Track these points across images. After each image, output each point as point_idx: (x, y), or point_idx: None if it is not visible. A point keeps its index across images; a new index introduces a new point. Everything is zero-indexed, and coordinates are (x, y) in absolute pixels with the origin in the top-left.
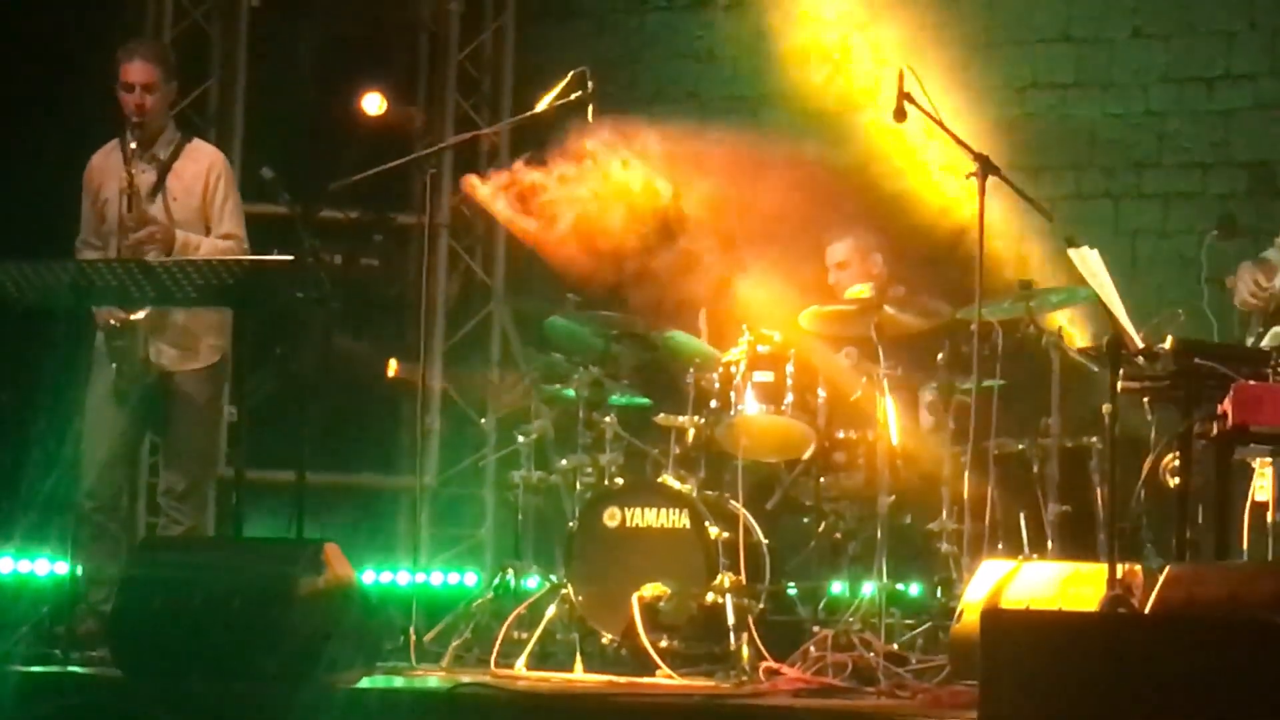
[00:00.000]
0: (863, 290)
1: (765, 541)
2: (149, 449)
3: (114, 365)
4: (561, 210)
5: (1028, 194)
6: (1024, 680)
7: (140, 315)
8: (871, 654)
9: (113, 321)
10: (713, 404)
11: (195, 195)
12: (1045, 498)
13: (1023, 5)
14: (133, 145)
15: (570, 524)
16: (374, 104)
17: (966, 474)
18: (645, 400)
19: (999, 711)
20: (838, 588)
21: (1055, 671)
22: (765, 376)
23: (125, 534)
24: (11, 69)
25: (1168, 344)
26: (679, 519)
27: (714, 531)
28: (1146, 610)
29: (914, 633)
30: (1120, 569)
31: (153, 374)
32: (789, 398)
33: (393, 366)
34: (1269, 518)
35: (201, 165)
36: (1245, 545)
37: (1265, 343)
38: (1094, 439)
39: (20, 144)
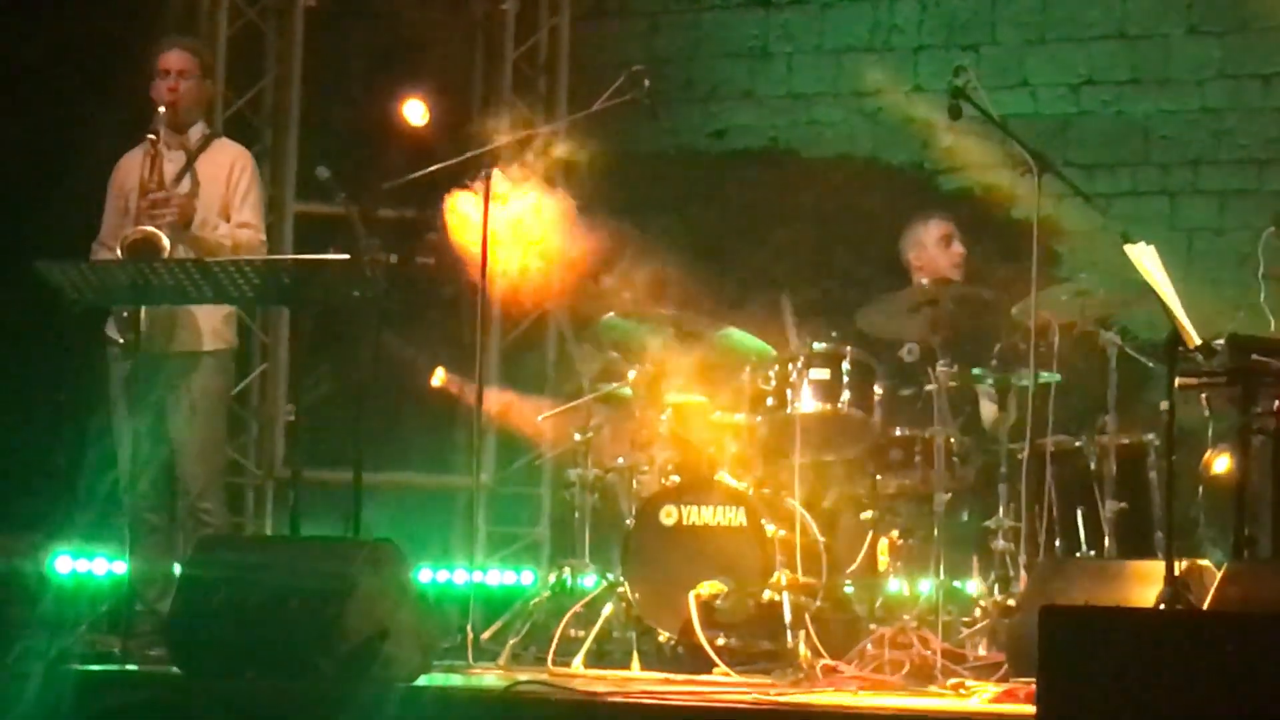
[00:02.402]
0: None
1: (822, 539)
2: None
3: (120, 346)
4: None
5: (1083, 190)
6: (1082, 677)
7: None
8: (929, 652)
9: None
10: (769, 402)
11: (219, 184)
12: (1102, 495)
13: (1077, 2)
14: (162, 130)
15: (627, 522)
16: (416, 113)
17: (1024, 471)
18: (701, 398)
19: (1058, 709)
20: (895, 585)
21: (1113, 669)
22: (821, 374)
23: (172, 527)
24: (66, 71)
25: (1224, 340)
26: (736, 517)
27: (771, 529)
28: (1205, 607)
29: (971, 630)
30: (1178, 566)
31: (157, 356)
32: (845, 395)
33: (440, 376)
34: None
35: (227, 159)
36: None
37: None
38: (1151, 436)
39: (74, 145)
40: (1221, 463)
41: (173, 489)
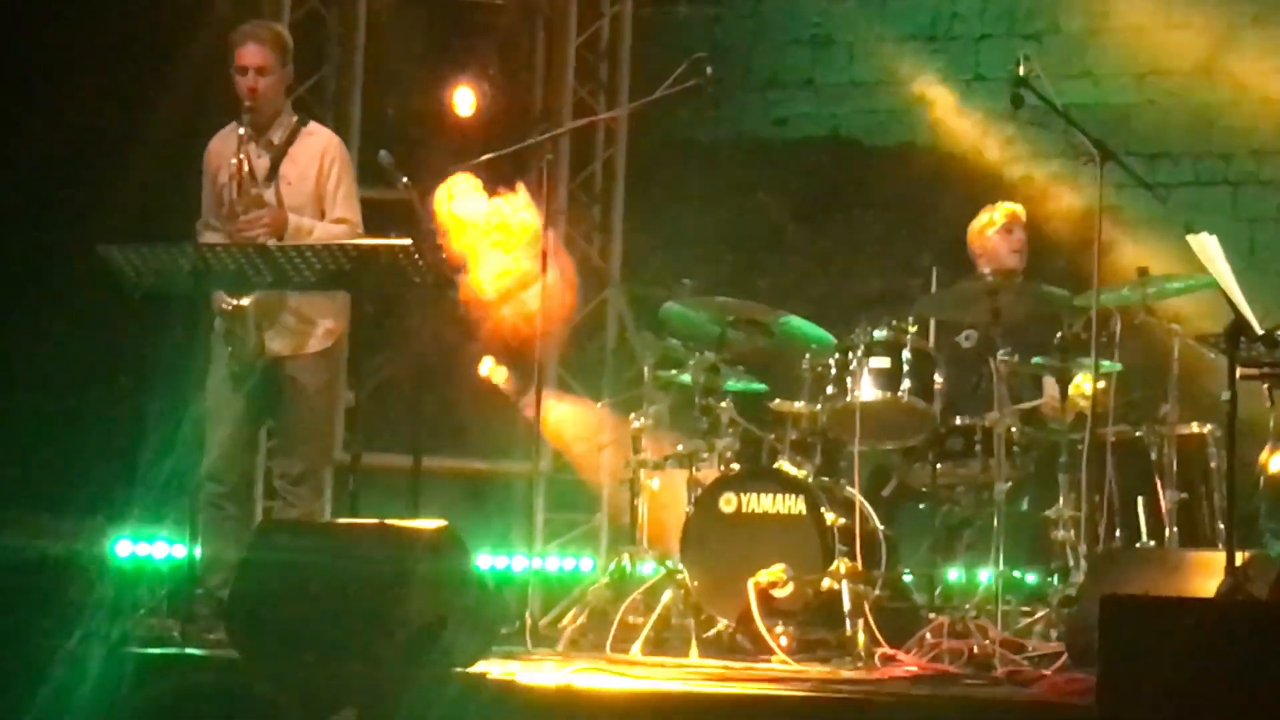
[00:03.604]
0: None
1: (881, 528)
2: (265, 433)
3: (228, 350)
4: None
5: (1145, 180)
6: (1143, 667)
7: (247, 301)
8: (988, 641)
9: (225, 306)
10: (829, 389)
11: (309, 180)
12: (1163, 485)
13: None
14: (246, 129)
15: (686, 509)
16: (466, 102)
17: (1084, 460)
18: (761, 386)
19: (1118, 699)
20: (954, 575)
21: (1174, 659)
22: (882, 362)
23: (246, 518)
24: (130, 56)
25: None
26: (795, 505)
27: (830, 517)
28: (1266, 598)
29: (1031, 620)
30: (1239, 557)
31: (267, 359)
32: (905, 383)
33: (489, 366)
34: None
35: (316, 150)
36: None
37: None
38: (1211, 426)
39: (137, 129)
40: (1276, 464)
41: (251, 478)
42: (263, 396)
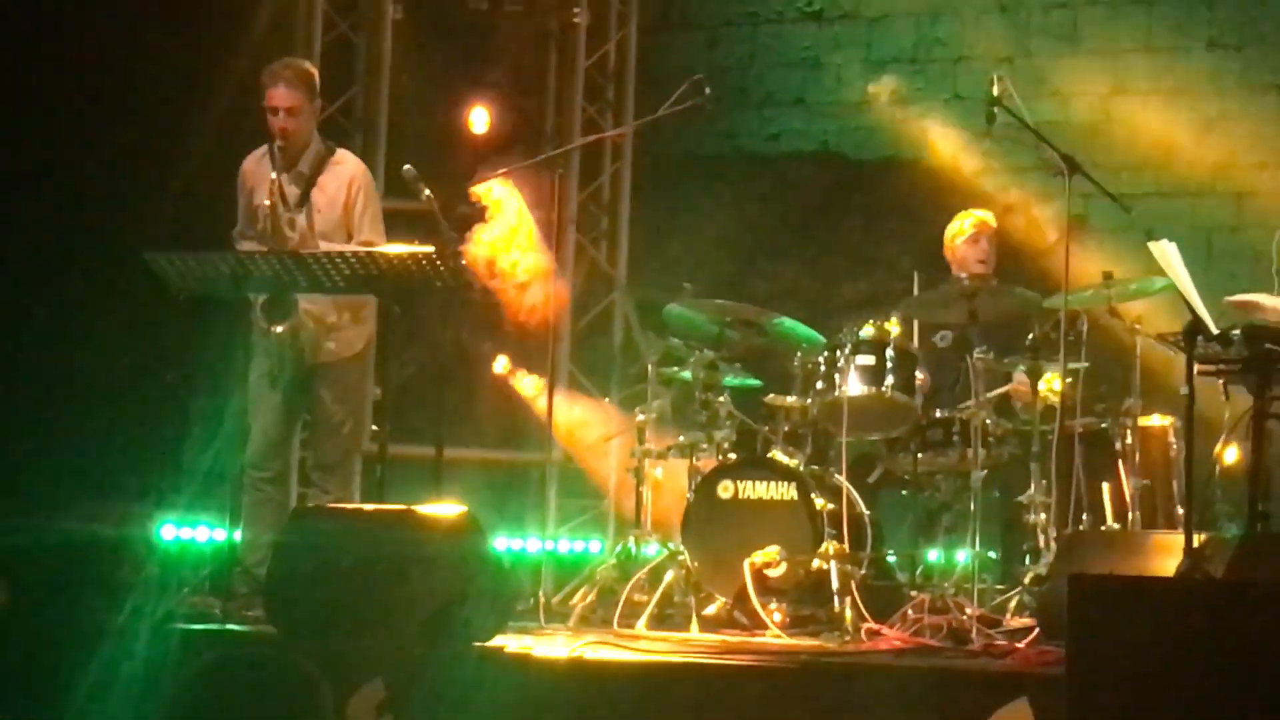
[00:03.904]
0: (962, 278)
1: (866, 513)
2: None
3: (267, 361)
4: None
5: (1110, 191)
6: (1109, 641)
7: (282, 329)
8: (965, 617)
9: (268, 332)
10: (819, 385)
11: (338, 207)
12: (1127, 472)
13: (1106, 17)
14: (278, 160)
15: (687, 496)
16: (481, 120)
17: (1054, 450)
18: (756, 381)
19: (1085, 670)
20: (934, 555)
21: (1138, 633)
22: (867, 360)
23: (284, 502)
24: (170, 79)
25: (1240, 330)
26: (787, 491)
27: (820, 503)
28: (1221, 577)
29: (1004, 597)
30: (1197, 539)
31: (305, 365)
32: (889, 379)
33: (504, 364)
34: None
35: (343, 179)
36: None
37: None
38: (1172, 418)
39: (178, 145)
40: (1231, 453)
41: (290, 466)
42: (298, 393)
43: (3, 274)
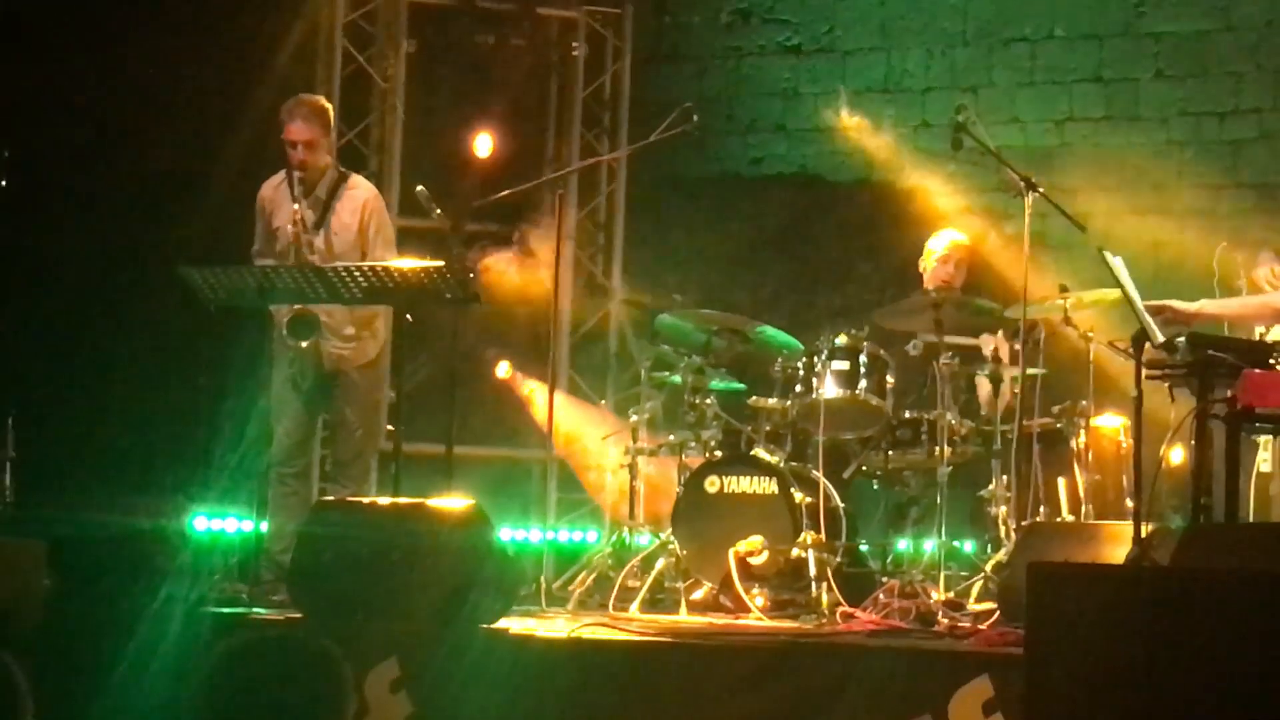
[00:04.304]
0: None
1: (841, 505)
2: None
3: (290, 369)
4: None
5: (1065, 210)
6: (1064, 623)
7: (305, 344)
8: (932, 601)
9: (290, 344)
10: (798, 388)
11: (352, 231)
12: (1080, 468)
13: (1061, 50)
14: (297, 188)
15: (677, 490)
16: (485, 146)
17: (1014, 448)
18: (740, 385)
19: (1042, 650)
20: (903, 545)
21: (1090, 615)
22: (842, 365)
23: (307, 496)
24: (201, 106)
25: (1185, 339)
26: (769, 486)
27: (798, 497)
28: (1167, 564)
29: (968, 583)
30: (1145, 529)
31: (324, 372)
32: (862, 383)
33: (505, 369)
34: (1270, 488)
35: (357, 204)
36: (1251, 511)
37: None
38: (1122, 419)
39: (208, 167)
40: (1176, 452)
41: (312, 463)
42: (319, 396)
43: (54, 289)
